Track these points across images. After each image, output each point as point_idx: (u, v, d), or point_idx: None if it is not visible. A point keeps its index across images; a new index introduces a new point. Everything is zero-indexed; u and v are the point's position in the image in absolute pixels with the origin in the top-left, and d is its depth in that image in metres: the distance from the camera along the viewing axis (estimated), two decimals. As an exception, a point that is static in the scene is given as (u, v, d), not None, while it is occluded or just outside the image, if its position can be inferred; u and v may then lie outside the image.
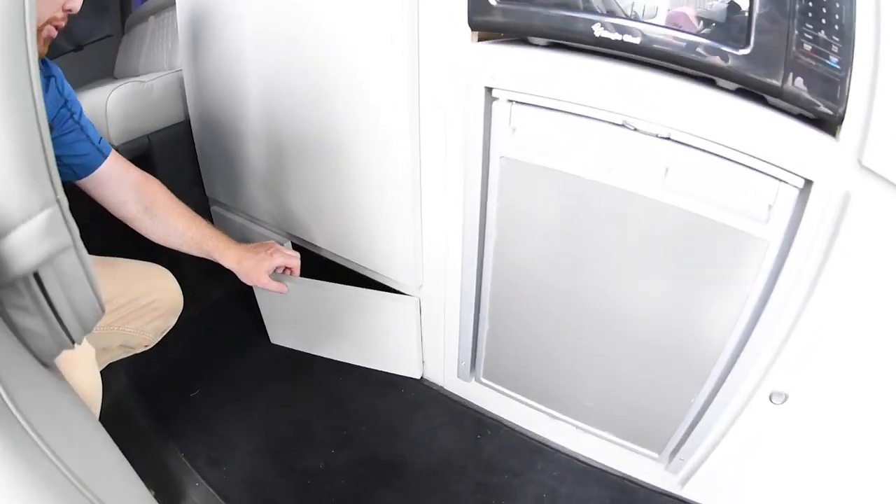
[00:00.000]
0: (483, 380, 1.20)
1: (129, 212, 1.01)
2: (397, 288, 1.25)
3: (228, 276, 1.81)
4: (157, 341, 1.15)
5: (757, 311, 0.80)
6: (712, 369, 0.88)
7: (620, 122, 0.80)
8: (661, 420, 1.00)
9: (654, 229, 0.85)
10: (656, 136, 0.78)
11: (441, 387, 1.33)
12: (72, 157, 0.92)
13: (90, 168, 0.95)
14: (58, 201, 0.47)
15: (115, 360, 1.16)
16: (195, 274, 1.72)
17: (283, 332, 1.47)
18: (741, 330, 0.83)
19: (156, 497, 1.13)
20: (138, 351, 1.14)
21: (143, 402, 1.34)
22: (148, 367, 1.42)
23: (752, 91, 0.68)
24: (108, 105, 1.44)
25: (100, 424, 0.67)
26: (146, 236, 1.04)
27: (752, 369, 0.83)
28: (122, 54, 2.03)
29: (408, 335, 1.28)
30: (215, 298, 1.67)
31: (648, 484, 1.10)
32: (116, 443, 1.22)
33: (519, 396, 1.17)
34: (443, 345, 1.24)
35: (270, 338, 1.47)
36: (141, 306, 1.06)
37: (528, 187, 0.95)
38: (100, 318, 0.58)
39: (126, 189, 0.99)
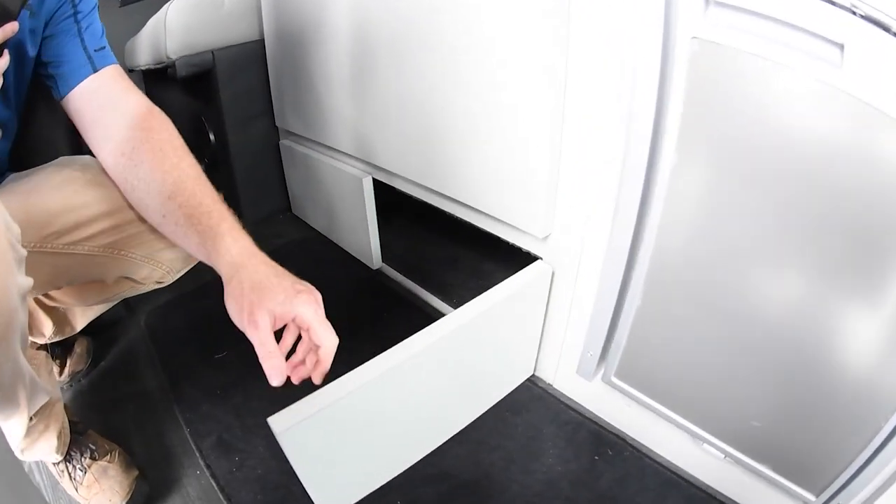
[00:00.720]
0: (614, 379, 0.83)
1: (109, 153, 0.68)
2: (509, 238, 0.91)
3: (299, 226, 1.59)
4: (175, 277, 0.85)
5: None
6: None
7: (848, 6, 0.53)
8: (834, 451, 0.69)
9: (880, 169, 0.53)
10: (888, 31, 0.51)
11: (549, 384, 0.96)
12: (55, 64, 0.67)
13: (71, 80, 0.67)
14: None
15: (119, 297, 0.88)
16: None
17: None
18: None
19: (140, 479, 0.84)
20: (149, 288, 0.85)
21: (157, 358, 1.06)
22: (173, 317, 1.15)
23: None
24: (167, 14, 1.24)
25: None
26: (126, 196, 0.70)
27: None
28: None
29: (531, 324, 0.92)
30: (276, 245, 1.39)
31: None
32: (113, 402, 0.94)
33: (659, 407, 0.80)
34: (564, 327, 0.89)
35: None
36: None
37: (729, 86, 0.62)
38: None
39: (114, 119, 0.67)
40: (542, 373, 0.97)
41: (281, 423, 0.64)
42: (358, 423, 0.72)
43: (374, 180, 1.14)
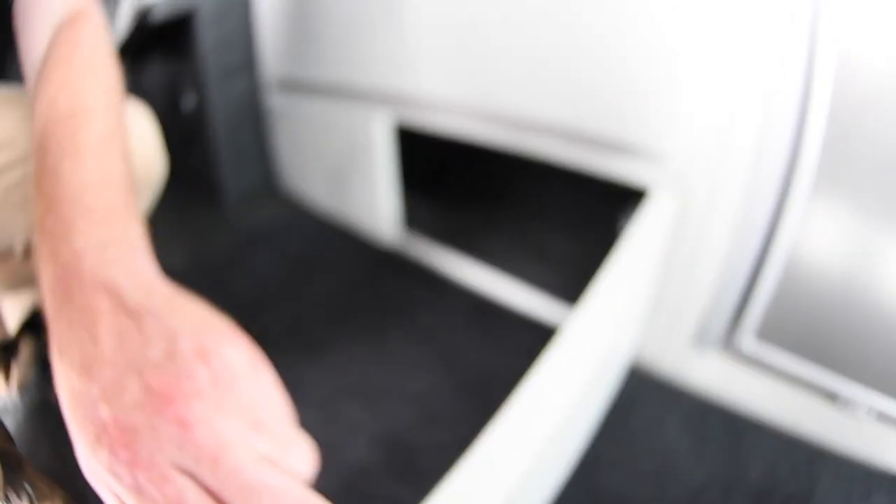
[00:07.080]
0: (752, 342, 0.65)
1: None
2: (621, 173, 0.70)
3: (290, 203, 1.28)
4: None
5: None
6: None
7: None
8: None
9: None
10: None
11: (651, 366, 0.76)
12: None
13: None
14: None
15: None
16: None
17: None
18: None
19: None
20: None
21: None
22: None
23: None
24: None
25: None
26: None
27: None
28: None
29: (648, 286, 0.73)
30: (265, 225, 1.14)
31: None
32: (60, 427, 0.67)
33: (808, 369, 0.63)
34: (685, 280, 0.69)
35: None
36: None
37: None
38: None
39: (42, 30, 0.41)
40: (641, 351, 0.77)
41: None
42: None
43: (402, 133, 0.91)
